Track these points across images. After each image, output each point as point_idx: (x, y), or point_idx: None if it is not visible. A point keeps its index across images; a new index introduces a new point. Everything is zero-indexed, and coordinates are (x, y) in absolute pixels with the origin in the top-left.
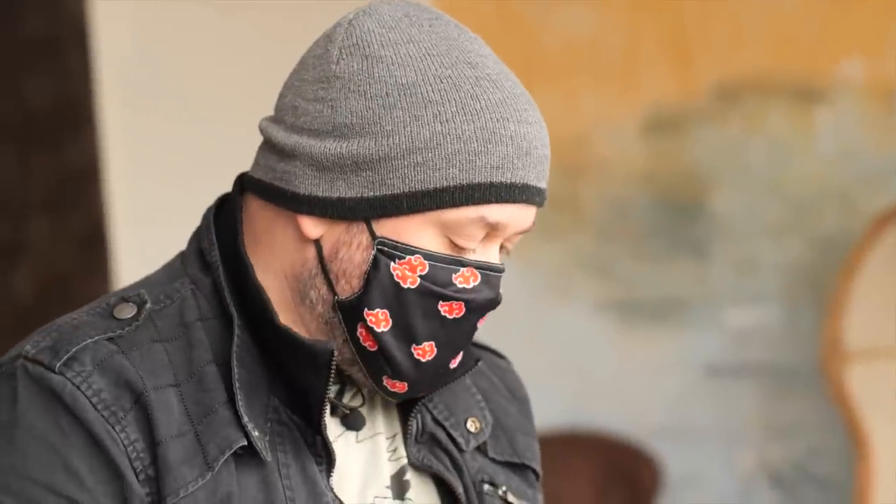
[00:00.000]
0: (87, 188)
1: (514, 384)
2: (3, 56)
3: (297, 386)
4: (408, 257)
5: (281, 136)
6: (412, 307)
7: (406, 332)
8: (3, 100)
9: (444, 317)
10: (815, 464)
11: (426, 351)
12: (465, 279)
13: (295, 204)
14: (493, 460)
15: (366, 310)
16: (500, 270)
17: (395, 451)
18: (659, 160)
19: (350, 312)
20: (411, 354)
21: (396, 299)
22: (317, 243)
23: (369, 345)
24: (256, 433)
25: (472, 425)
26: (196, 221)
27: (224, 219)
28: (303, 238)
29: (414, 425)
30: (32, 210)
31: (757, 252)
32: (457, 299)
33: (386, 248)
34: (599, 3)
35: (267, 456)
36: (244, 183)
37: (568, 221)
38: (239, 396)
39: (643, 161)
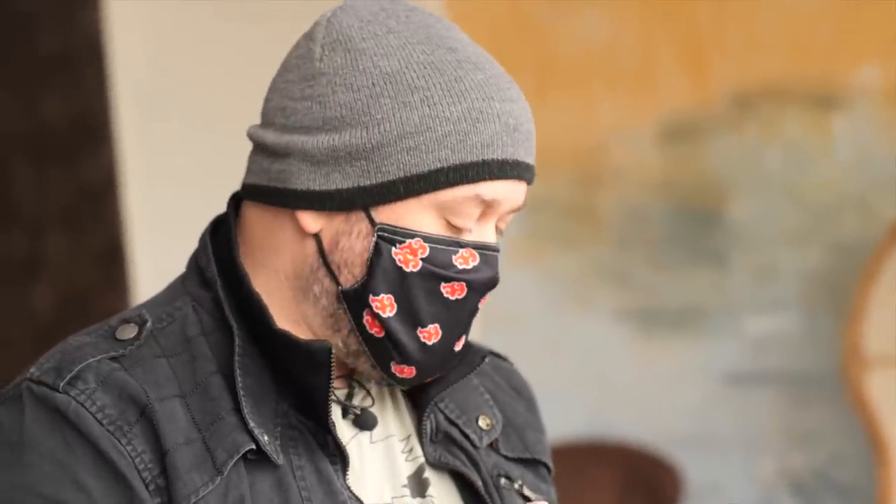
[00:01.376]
0: (105, 203)
1: (519, 384)
2: (20, 72)
3: (302, 389)
4: (408, 241)
5: (272, 137)
6: (416, 290)
7: (411, 316)
8: (20, 115)
9: (447, 298)
10: (835, 471)
11: (432, 334)
12: (465, 260)
13: (292, 201)
14: (506, 457)
15: (371, 296)
16: (497, 250)
17: (410, 451)
18: (676, 168)
19: (355, 301)
20: (417, 338)
21: (400, 284)
22: (317, 237)
23: (376, 331)
24: (266, 437)
25: (483, 423)
26: None
27: (220, 236)
28: (302, 234)
29: (428, 425)
30: (50, 225)
31: (775, 259)
32: (458, 280)
33: (386, 234)
34: (615, 11)
35: (278, 459)
36: (240, 193)
37: (586, 230)
38: (244, 402)
39: (660, 169)
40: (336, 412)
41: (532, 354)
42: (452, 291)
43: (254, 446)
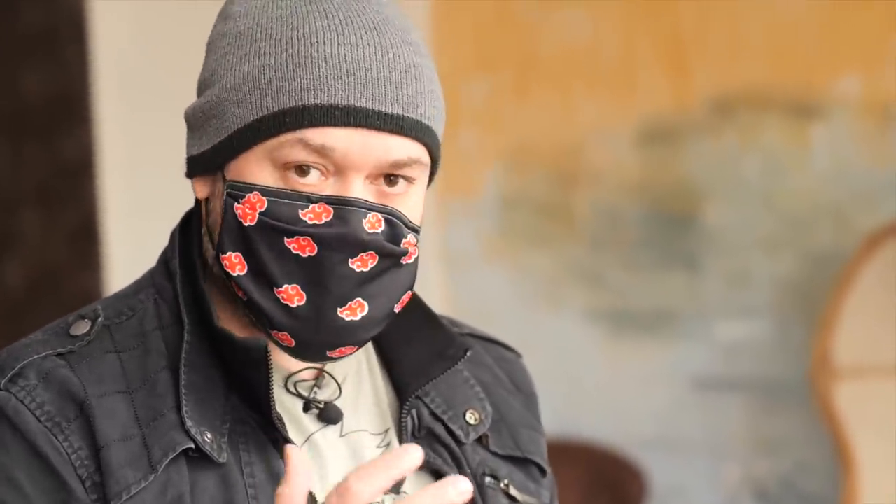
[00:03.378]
0: (81, 182)
1: (521, 378)
2: (0, 48)
3: (247, 385)
4: (247, 195)
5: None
6: (257, 245)
7: (262, 274)
8: None
9: (297, 255)
10: (800, 479)
11: (293, 295)
12: (317, 215)
13: (189, 168)
14: (495, 454)
15: (220, 254)
16: (357, 204)
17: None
18: (653, 171)
19: (219, 264)
20: (276, 299)
21: (242, 239)
22: (207, 202)
23: (241, 295)
24: (208, 436)
25: (471, 417)
26: None
27: (192, 226)
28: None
29: (409, 421)
30: (25, 202)
31: (749, 266)
32: (302, 234)
33: (232, 191)
34: (597, 11)
35: (219, 457)
36: None
37: (560, 229)
38: (184, 400)
39: (637, 171)
40: (297, 406)
41: None
42: (301, 248)
43: (192, 445)
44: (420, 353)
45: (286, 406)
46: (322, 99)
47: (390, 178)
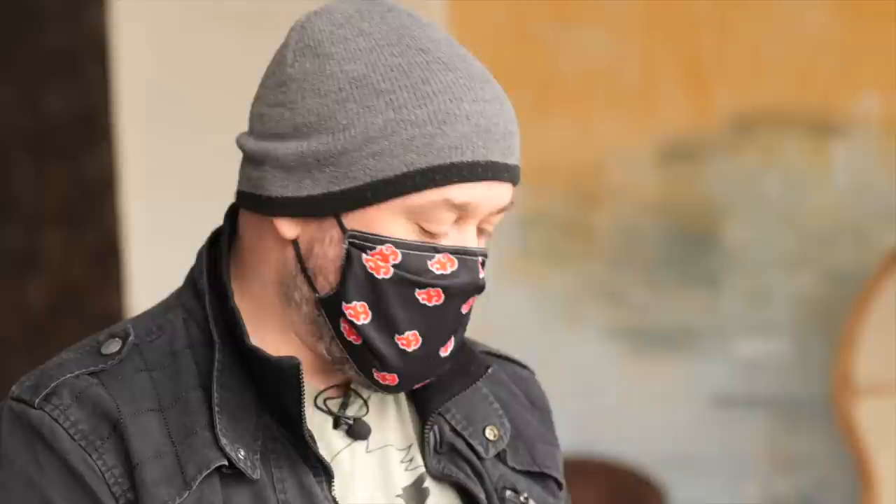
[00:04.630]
0: (103, 201)
1: (536, 394)
2: (23, 68)
3: (279, 402)
4: (379, 247)
5: (251, 144)
6: (389, 297)
7: (387, 323)
8: (22, 111)
9: (424, 304)
10: (821, 497)
11: (411, 340)
12: (442, 265)
13: (269, 207)
14: (514, 469)
15: (343, 304)
16: (477, 253)
17: (411, 460)
18: (673, 189)
19: (331, 308)
20: (395, 345)
21: (372, 291)
22: (295, 243)
23: (353, 339)
24: (242, 453)
25: (490, 433)
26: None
27: (219, 246)
28: (283, 240)
29: (432, 436)
30: (47, 221)
31: (769, 283)
32: (434, 286)
33: (357, 241)
34: (617, 30)
35: (253, 474)
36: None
37: (580, 248)
38: (218, 418)
39: (657, 190)
40: (327, 423)
41: None
42: (429, 298)
43: (226, 462)
44: None
45: (315, 423)
46: (468, 156)
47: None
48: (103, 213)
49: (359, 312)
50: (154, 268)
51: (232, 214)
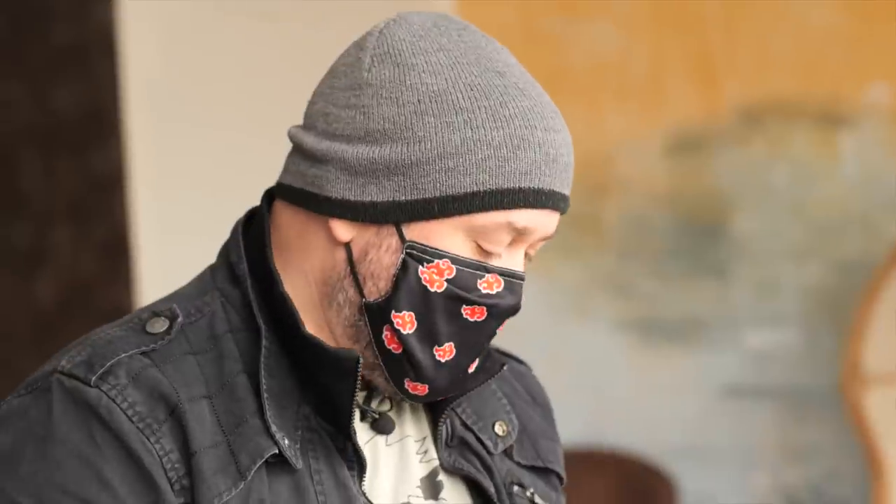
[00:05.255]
0: (112, 196)
1: (536, 389)
2: (32, 63)
3: (325, 393)
4: (436, 261)
5: (312, 141)
6: (438, 310)
7: (430, 334)
8: (31, 107)
9: (466, 320)
10: (830, 487)
11: (446, 352)
12: (490, 285)
13: (327, 208)
14: (519, 464)
15: (393, 312)
16: (522, 278)
17: (425, 453)
18: (682, 181)
19: (377, 315)
20: (433, 356)
21: (423, 302)
22: (347, 246)
23: (394, 347)
24: (287, 441)
25: (499, 429)
26: (219, 230)
27: (253, 231)
28: (334, 241)
29: (444, 430)
30: (56, 217)
31: (778, 274)
32: (479, 304)
33: (415, 252)
34: (626, 23)
35: (297, 463)
36: (274, 190)
37: (589, 239)
38: (267, 406)
39: (666, 181)
40: (355, 416)
41: (531, 361)
42: (472, 314)
43: (276, 450)
44: None
45: None
46: (535, 183)
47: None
48: (112, 209)
49: (406, 322)
50: (163, 262)
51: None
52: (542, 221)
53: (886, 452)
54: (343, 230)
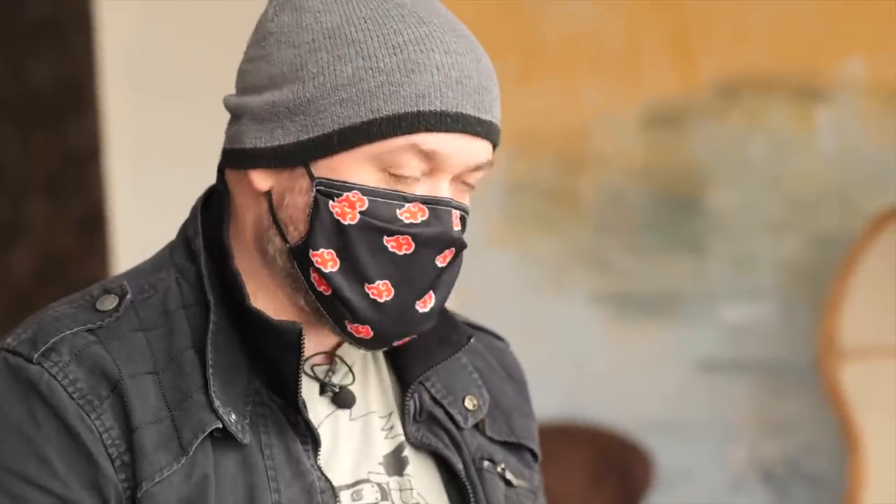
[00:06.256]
0: (88, 170)
1: (512, 365)
2: (7, 37)
3: (274, 367)
4: (345, 194)
5: (231, 101)
6: (356, 244)
7: (355, 271)
8: (6, 80)
9: (394, 253)
10: (807, 461)
11: (382, 291)
12: (412, 214)
13: (244, 160)
14: (491, 439)
15: (311, 251)
16: (449, 204)
17: (391, 428)
18: (658, 155)
19: (301, 258)
20: (366, 294)
21: (339, 237)
22: (268, 195)
23: (324, 289)
24: (233, 416)
25: (469, 403)
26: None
27: (212, 207)
28: (256, 193)
29: (412, 405)
30: (32, 191)
31: (755, 249)
32: (402, 233)
33: (324, 188)
34: None
35: (244, 438)
36: (219, 163)
37: (565, 214)
38: (212, 381)
39: (642, 155)
40: (313, 389)
41: (508, 335)
42: (398, 246)
43: (220, 425)
44: (425, 338)
45: (303, 389)
46: (436, 105)
47: (463, 178)
48: (88, 182)
49: (326, 260)
50: (139, 236)
51: (222, 174)
52: (456, 146)
53: (862, 426)
54: (261, 179)
